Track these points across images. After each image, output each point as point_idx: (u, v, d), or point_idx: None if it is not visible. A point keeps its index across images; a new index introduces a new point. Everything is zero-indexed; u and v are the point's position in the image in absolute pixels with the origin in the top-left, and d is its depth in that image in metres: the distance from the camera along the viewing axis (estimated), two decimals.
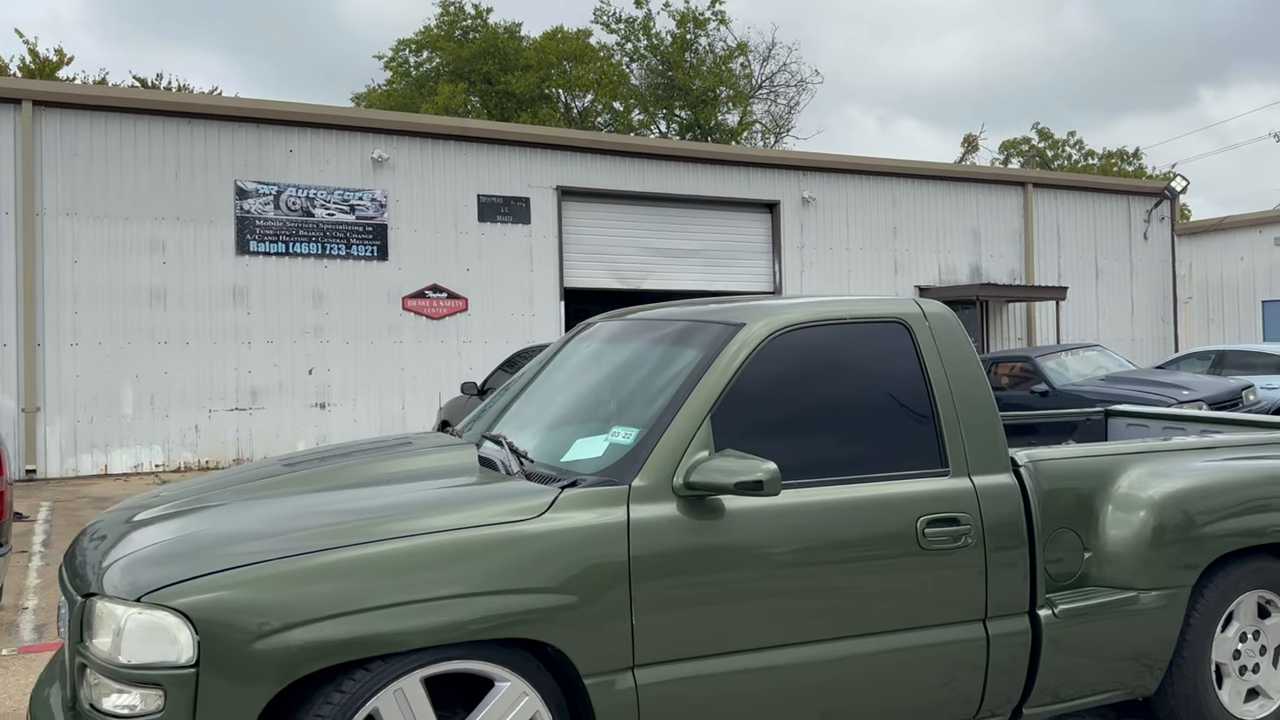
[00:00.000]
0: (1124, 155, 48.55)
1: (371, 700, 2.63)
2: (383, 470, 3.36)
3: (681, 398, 3.19)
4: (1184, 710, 3.80)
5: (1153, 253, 22.40)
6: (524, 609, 2.78)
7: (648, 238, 17.19)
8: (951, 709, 3.40)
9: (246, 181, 14.26)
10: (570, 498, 2.97)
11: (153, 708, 2.53)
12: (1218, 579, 3.80)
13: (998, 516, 3.42)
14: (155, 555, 2.72)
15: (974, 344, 19.97)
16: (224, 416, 14.06)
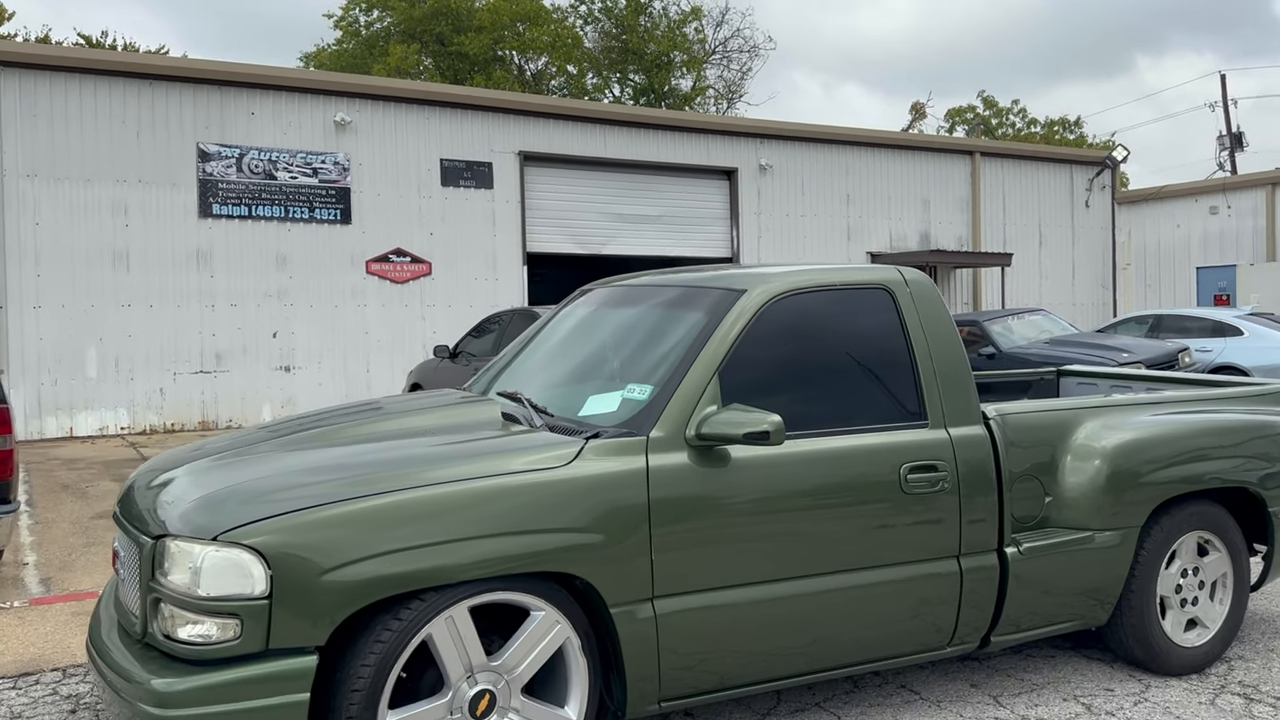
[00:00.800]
0: (1065, 124, 49.53)
1: (426, 627, 2.93)
2: (418, 423, 3.63)
3: (691, 357, 3.51)
4: (1131, 639, 4.24)
5: (1094, 220, 23.12)
6: (556, 546, 3.09)
7: (609, 203, 17.42)
8: (928, 637, 3.78)
9: (209, 144, 14.22)
10: (595, 447, 3.28)
11: (229, 635, 2.80)
12: (1163, 521, 4.23)
13: (970, 464, 3.80)
14: (224, 498, 2.99)
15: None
16: (189, 379, 14.11)
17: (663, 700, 3.34)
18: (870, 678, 4.30)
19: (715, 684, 3.43)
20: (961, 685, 4.22)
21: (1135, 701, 4.04)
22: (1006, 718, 3.89)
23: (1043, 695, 4.11)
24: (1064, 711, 3.94)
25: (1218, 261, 22.55)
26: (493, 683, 3.07)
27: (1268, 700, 4.05)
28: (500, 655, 3.08)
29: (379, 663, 2.87)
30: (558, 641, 3.15)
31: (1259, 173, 22.58)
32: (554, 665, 3.21)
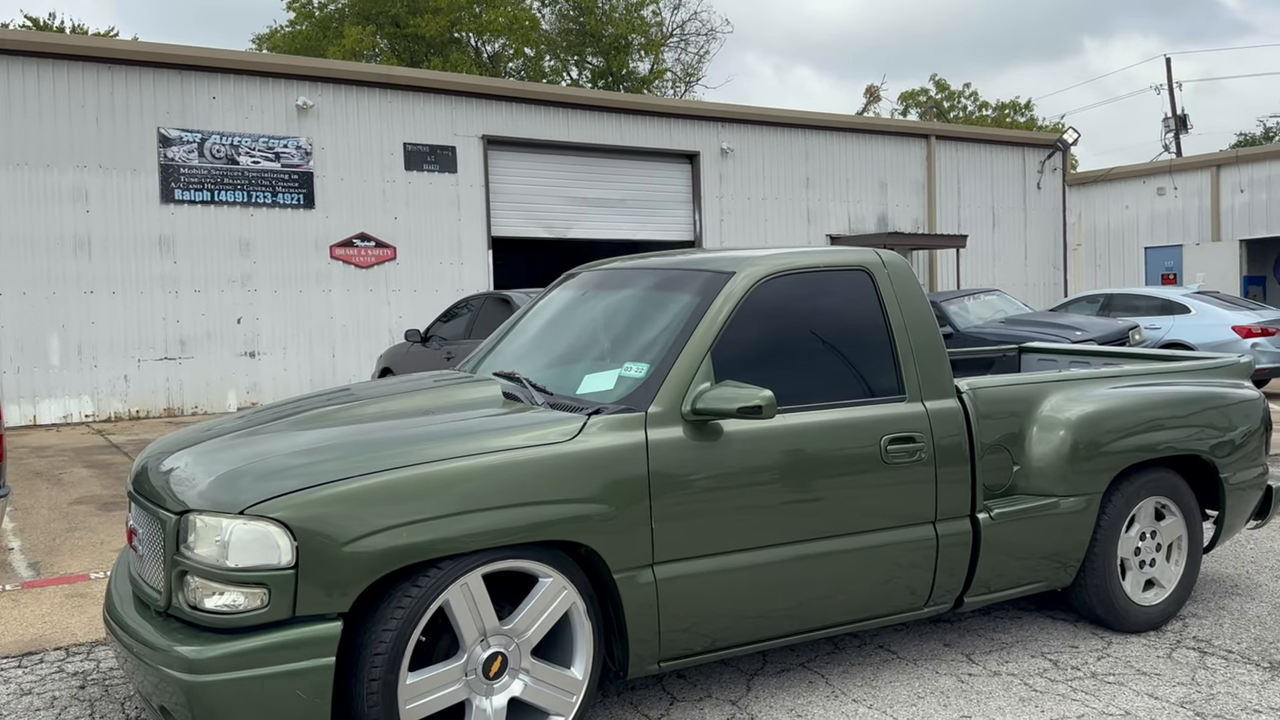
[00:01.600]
0: (1016, 106, 50.26)
1: (443, 593, 3.09)
2: (423, 402, 3.78)
3: (685, 336, 3.69)
4: (1094, 598, 4.51)
5: (1045, 202, 23.62)
6: (562, 516, 3.27)
7: (573, 187, 17.52)
8: (905, 599, 4.01)
9: (170, 129, 14.11)
10: (596, 423, 3.45)
11: (256, 604, 2.94)
12: (1123, 487, 4.50)
13: (945, 435, 4.03)
14: (245, 474, 3.12)
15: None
16: (153, 366, 14.04)
17: (662, 660, 3.54)
18: (849, 639, 4.53)
19: (708, 645, 3.62)
20: (936, 645, 4.47)
21: (1099, 657, 4.31)
22: (979, 674, 4.14)
23: (1012, 653, 4.37)
24: (1033, 667, 4.20)
25: (1165, 241, 23.16)
26: (504, 645, 3.24)
27: (1219, 653, 4.33)
28: (511, 620, 3.25)
29: (400, 627, 3.02)
30: (564, 606, 3.33)
31: (1204, 155, 23.20)
32: (560, 629, 3.39)
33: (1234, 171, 21.96)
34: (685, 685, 4.05)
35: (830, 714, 3.76)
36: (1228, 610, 4.91)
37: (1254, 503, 5.05)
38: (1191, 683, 4.02)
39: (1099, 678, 4.08)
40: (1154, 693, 3.92)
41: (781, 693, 3.96)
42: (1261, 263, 22.76)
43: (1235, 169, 21.96)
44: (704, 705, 3.85)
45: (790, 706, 3.83)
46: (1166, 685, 4.00)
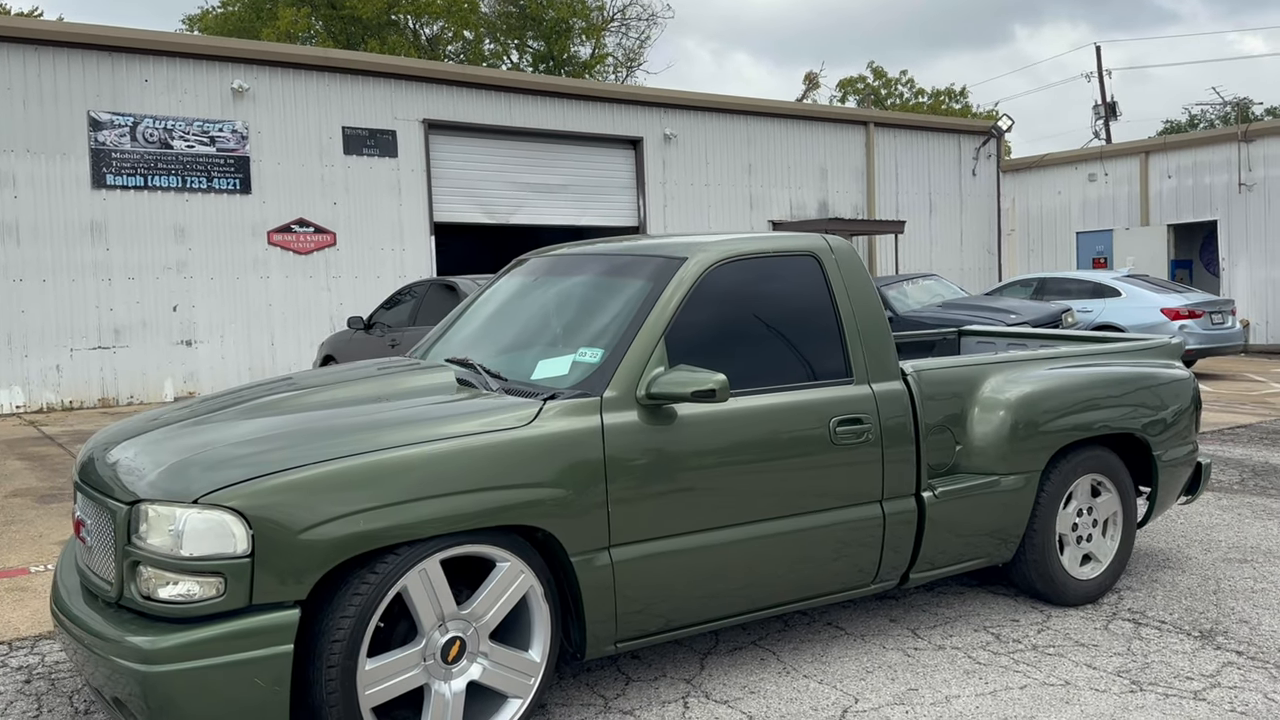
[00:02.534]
0: (952, 94, 50.96)
1: (401, 579, 3.10)
2: (375, 389, 3.76)
3: (639, 321, 3.73)
4: (1034, 573, 4.65)
5: (980, 188, 24.04)
6: (520, 501, 3.29)
7: (516, 172, 17.43)
8: (853, 576, 4.11)
9: (100, 112, 13.75)
10: (553, 408, 3.48)
11: (212, 593, 2.92)
12: (1061, 465, 4.64)
13: (891, 416, 4.12)
14: (197, 462, 3.09)
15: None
16: (86, 355, 13.71)
17: (618, 641, 3.58)
18: (799, 617, 4.62)
19: (664, 625, 3.68)
20: (882, 620, 4.57)
21: (1039, 630, 4.45)
22: (925, 648, 4.25)
23: (956, 626, 4.49)
24: (976, 640, 4.32)
25: (1095, 226, 23.72)
26: (462, 630, 3.26)
27: (1153, 624, 4.50)
28: (469, 604, 3.27)
29: (358, 614, 3.03)
30: (522, 590, 3.36)
31: (1134, 141, 23.78)
32: (518, 612, 3.42)
33: (1162, 158, 22.55)
34: (640, 665, 4.10)
35: (782, 689, 3.85)
36: (1160, 583, 5.09)
37: (1185, 479, 5.24)
38: (1128, 653, 4.17)
39: (1039, 650, 4.22)
40: (1092, 663, 4.07)
41: (735, 670, 4.03)
42: (1188, 247, 23.43)
43: (1164, 155, 22.55)
44: (659, 684, 3.91)
45: (743, 683, 3.91)
46: (1104, 656, 4.14)
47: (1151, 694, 3.76)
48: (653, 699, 3.78)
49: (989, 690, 3.81)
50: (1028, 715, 3.59)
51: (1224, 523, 6.28)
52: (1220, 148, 21.45)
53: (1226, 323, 15.13)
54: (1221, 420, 10.72)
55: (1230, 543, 5.82)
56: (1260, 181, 20.77)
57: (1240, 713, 3.60)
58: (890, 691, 3.81)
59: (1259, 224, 20.83)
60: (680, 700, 3.77)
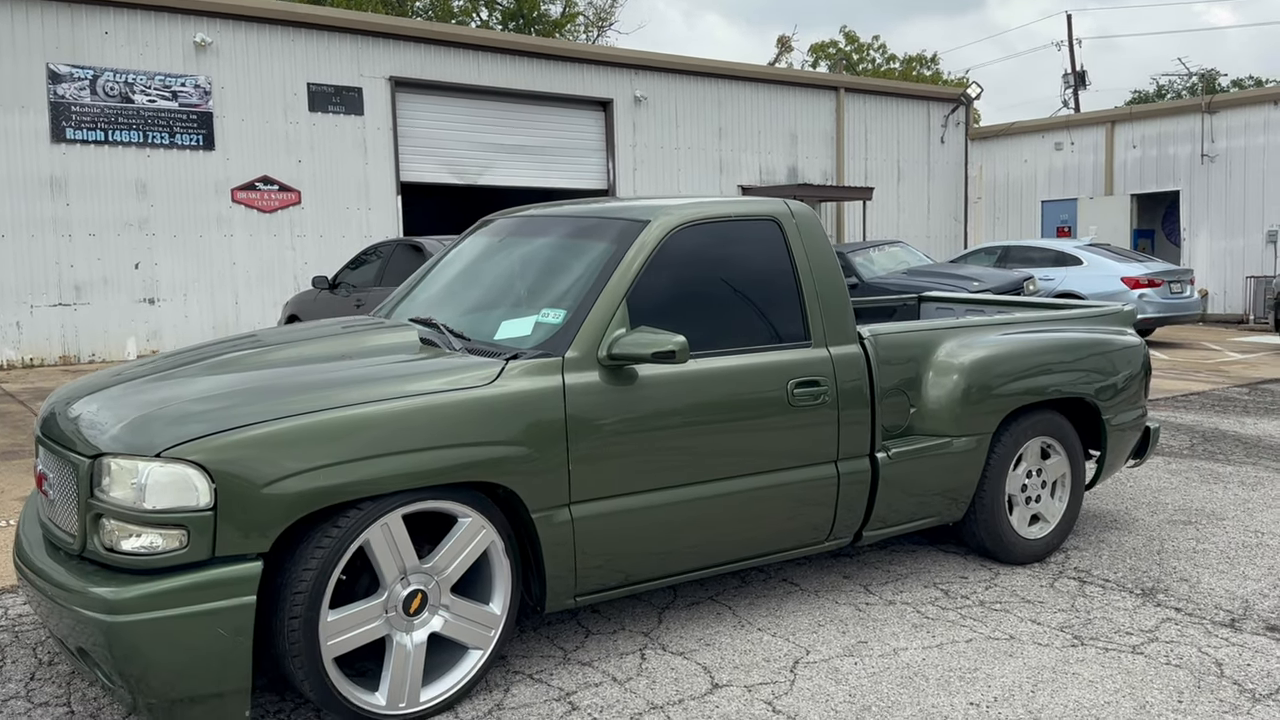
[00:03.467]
0: (923, 60, 51.01)
1: (363, 533, 3.16)
2: (339, 347, 3.79)
3: (601, 283, 3.78)
4: (983, 532, 4.78)
5: (948, 155, 24.18)
6: (481, 458, 3.35)
7: (485, 133, 17.31)
8: (808, 533, 4.21)
9: (59, 65, 13.49)
10: (515, 368, 3.53)
11: (175, 545, 2.96)
12: (1011, 428, 4.76)
13: (848, 379, 4.21)
14: (160, 417, 3.12)
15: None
16: (47, 312, 13.55)
17: (578, 595, 3.67)
18: (755, 573, 4.74)
19: (623, 580, 3.77)
20: (835, 577, 4.70)
21: (986, 586, 4.59)
22: (875, 603, 4.38)
23: (907, 583, 4.62)
24: (925, 596, 4.46)
25: (1060, 195, 23.95)
26: (424, 583, 3.33)
27: (1097, 582, 4.66)
28: (431, 558, 3.33)
29: (320, 567, 3.09)
30: (483, 545, 3.43)
31: (1100, 111, 23.97)
32: (480, 566, 3.49)
33: (1128, 128, 22.76)
34: (600, 619, 4.20)
35: (736, 641, 3.96)
36: (1106, 543, 5.25)
37: (1133, 443, 5.39)
38: (1071, 609, 4.32)
39: (986, 605, 4.35)
40: (1036, 618, 4.21)
41: (691, 624, 4.14)
42: (1150, 217, 23.72)
43: (1129, 125, 22.76)
44: (617, 637, 4.01)
45: (699, 636, 4.01)
46: (1048, 612, 4.29)
47: (1092, 648, 3.91)
48: (611, 651, 3.88)
49: (935, 643, 3.94)
50: (972, 667, 3.73)
51: (1172, 486, 6.47)
52: (1184, 119, 21.69)
53: (1185, 292, 15.39)
54: (1176, 387, 10.96)
55: (1176, 505, 6.00)
56: (1222, 153, 21.05)
57: (1175, 665, 3.75)
58: (840, 644, 3.94)
59: (1220, 195, 21.13)
60: (638, 652, 3.87)
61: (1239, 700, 3.46)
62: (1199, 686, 3.57)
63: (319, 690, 3.13)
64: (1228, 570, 4.80)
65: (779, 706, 3.42)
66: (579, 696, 3.51)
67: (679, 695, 3.51)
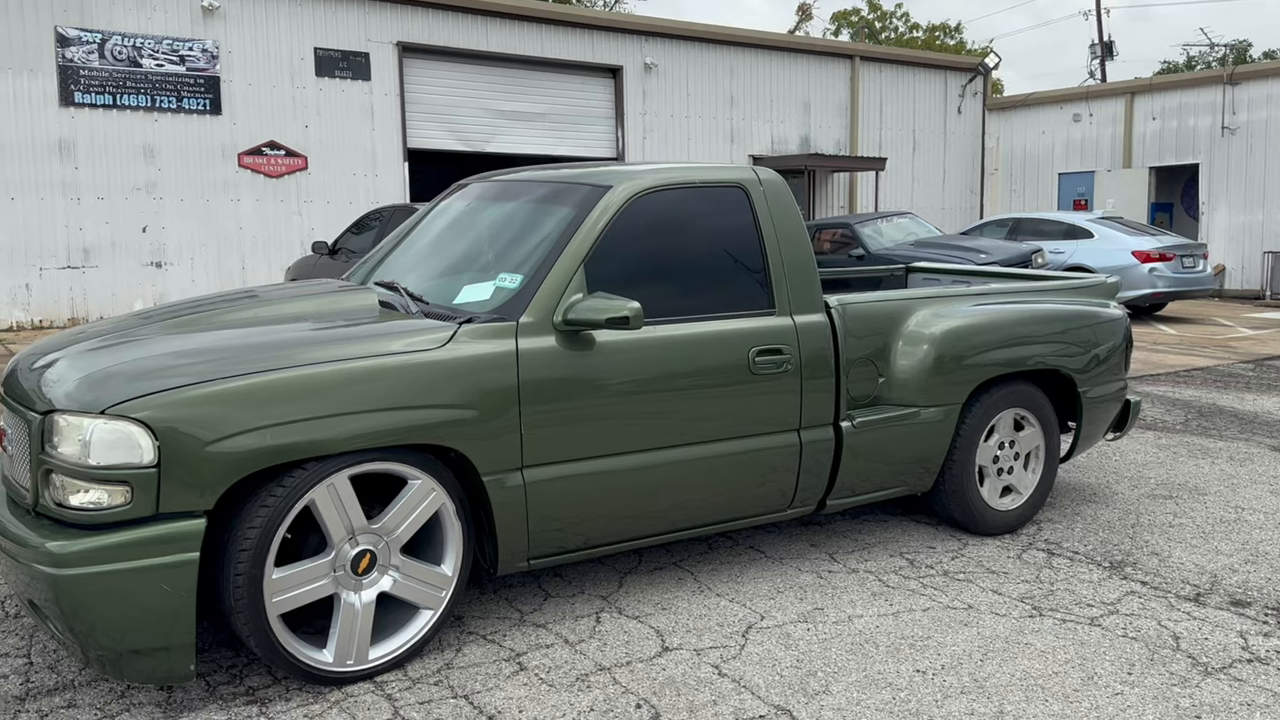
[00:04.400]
0: (946, 29, 50.38)
1: (308, 493, 3.19)
2: (296, 309, 3.81)
3: (559, 248, 3.77)
4: (952, 503, 4.77)
5: (965, 126, 23.90)
6: (431, 421, 3.36)
7: (492, 100, 17.24)
8: (771, 500, 4.22)
9: (68, 28, 13.52)
10: (468, 331, 3.54)
11: (119, 501, 3.00)
12: (983, 399, 4.74)
13: (812, 348, 4.20)
14: (109, 376, 3.15)
15: (801, 211, 20.96)
16: (56, 275, 13.67)
17: (531, 558, 3.69)
18: (721, 539, 4.75)
19: (580, 544, 3.79)
20: (803, 545, 4.71)
21: (953, 556, 4.59)
22: (838, 570, 4.38)
23: (873, 552, 4.63)
24: (890, 565, 4.46)
25: (1078, 168, 23.65)
26: (373, 543, 3.36)
27: (1066, 554, 4.64)
28: (380, 519, 3.36)
29: (264, 525, 3.12)
30: (433, 507, 3.45)
31: (1120, 82, 23.62)
32: (432, 528, 3.52)
33: (1147, 99, 22.42)
34: (560, 583, 4.23)
35: (693, 606, 3.98)
36: (1081, 516, 5.23)
37: (1112, 416, 5.36)
38: (1035, 580, 4.31)
39: (950, 575, 4.35)
40: (998, 589, 4.21)
41: (651, 588, 4.16)
42: (1169, 190, 23.41)
43: (1149, 97, 22.42)
44: (575, 600, 4.04)
45: (657, 600, 4.04)
46: (1011, 582, 4.28)
47: (1050, 619, 3.90)
48: (567, 613, 3.91)
49: (892, 611, 3.95)
50: (924, 635, 3.73)
51: (1158, 460, 6.43)
52: (1205, 90, 21.33)
53: (1198, 266, 15.21)
54: (1180, 363, 10.86)
55: (1159, 479, 5.96)
56: (1243, 125, 20.71)
57: (1131, 637, 3.74)
58: (796, 610, 3.95)
59: (1240, 168, 20.81)
60: (594, 615, 3.90)
61: (1190, 673, 3.46)
62: (1152, 659, 3.56)
63: (264, 646, 3.17)
64: (1201, 545, 4.78)
65: (725, 670, 3.44)
66: (528, 657, 3.54)
67: (628, 657, 3.53)
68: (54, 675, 3.41)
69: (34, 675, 3.41)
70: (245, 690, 3.30)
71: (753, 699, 3.24)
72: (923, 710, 3.19)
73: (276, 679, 3.38)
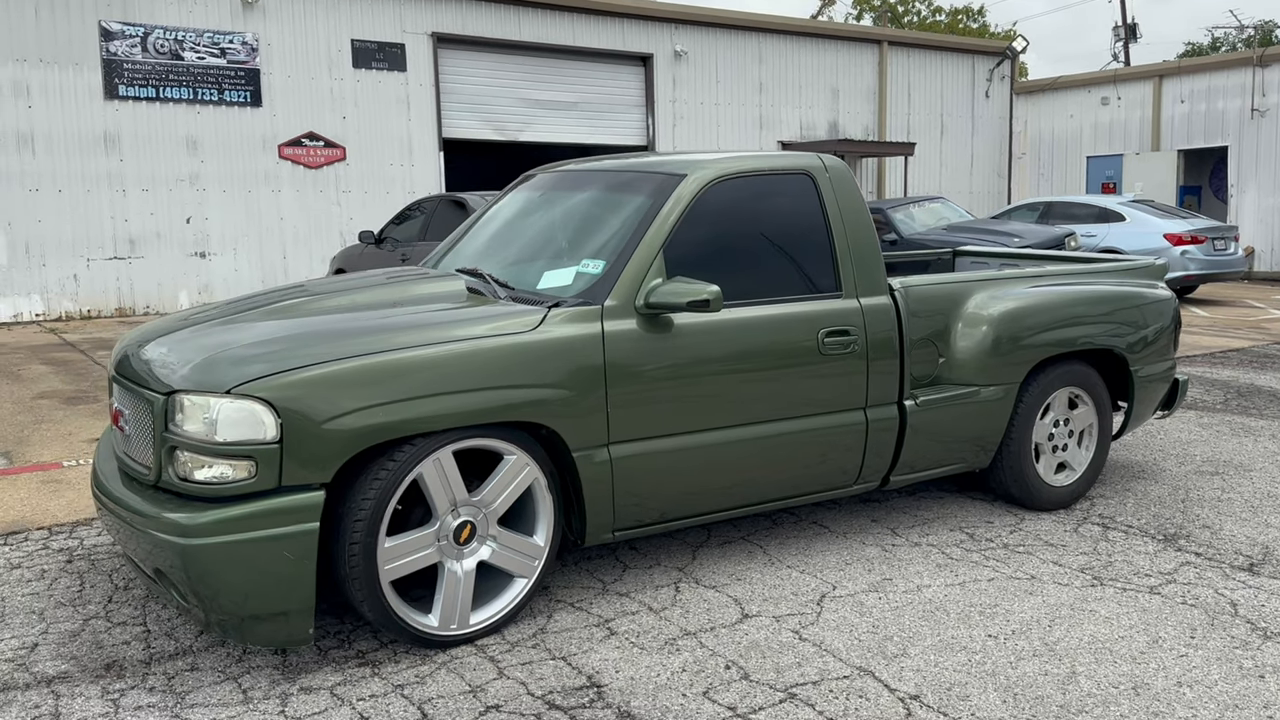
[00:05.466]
0: (969, 12, 50.09)
1: (417, 467, 3.39)
2: (395, 295, 4.00)
3: (640, 235, 3.95)
4: (1009, 479, 4.93)
5: (993, 110, 23.89)
6: (525, 400, 3.55)
7: (525, 89, 17.41)
8: (837, 477, 4.39)
9: (111, 22, 13.77)
10: (557, 315, 3.72)
11: (244, 475, 3.20)
12: (1040, 378, 4.89)
13: (877, 329, 4.36)
14: (229, 357, 3.35)
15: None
16: (103, 265, 13.96)
17: (615, 530, 3.88)
18: (786, 515, 4.93)
19: (658, 517, 3.98)
20: (864, 520, 4.88)
21: (1011, 530, 4.75)
22: (901, 544, 4.56)
23: (933, 527, 4.79)
24: (951, 539, 4.63)
25: (1107, 151, 23.62)
26: (473, 515, 3.55)
27: (1120, 528, 4.80)
28: (479, 492, 3.56)
29: (378, 497, 3.32)
30: (527, 481, 3.65)
31: (1148, 65, 23.53)
32: (524, 501, 3.71)
33: (1175, 82, 22.35)
34: (637, 555, 4.42)
35: (766, 577, 4.16)
36: (1133, 492, 5.38)
37: (1161, 394, 5.49)
38: (1093, 552, 4.47)
39: (1010, 548, 4.52)
40: (1059, 560, 4.37)
41: (724, 560, 4.35)
42: (1198, 173, 23.35)
43: (1177, 79, 22.35)
44: (654, 571, 4.23)
45: (731, 571, 4.22)
46: (1070, 554, 4.44)
47: (1111, 588, 4.06)
48: (647, 584, 4.10)
49: (958, 581, 4.12)
50: (992, 604, 3.90)
51: (1201, 439, 6.55)
52: (1234, 72, 21.25)
53: (1229, 249, 15.23)
54: (1215, 344, 10.94)
55: (1204, 456, 6.09)
56: (1273, 107, 20.62)
57: (1190, 605, 3.90)
58: (866, 580, 4.12)
59: (1270, 150, 20.74)
60: (673, 585, 4.09)
61: (1250, 637, 3.61)
62: (1212, 624, 3.72)
63: (377, 611, 3.37)
64: (1250, 518, 4.92)
65: (805, 635, 3.62)
66: (616, 623, 3.73)
67: (711, 624, 3.72)
68: (172, 641, 3.63)
69: (154, 642, 3.63)
70: (355, 654, 3.51)
71: (835, 661, 3.42)
72: (999, 671, 3.36)
73: (383, 643, 3.58)
